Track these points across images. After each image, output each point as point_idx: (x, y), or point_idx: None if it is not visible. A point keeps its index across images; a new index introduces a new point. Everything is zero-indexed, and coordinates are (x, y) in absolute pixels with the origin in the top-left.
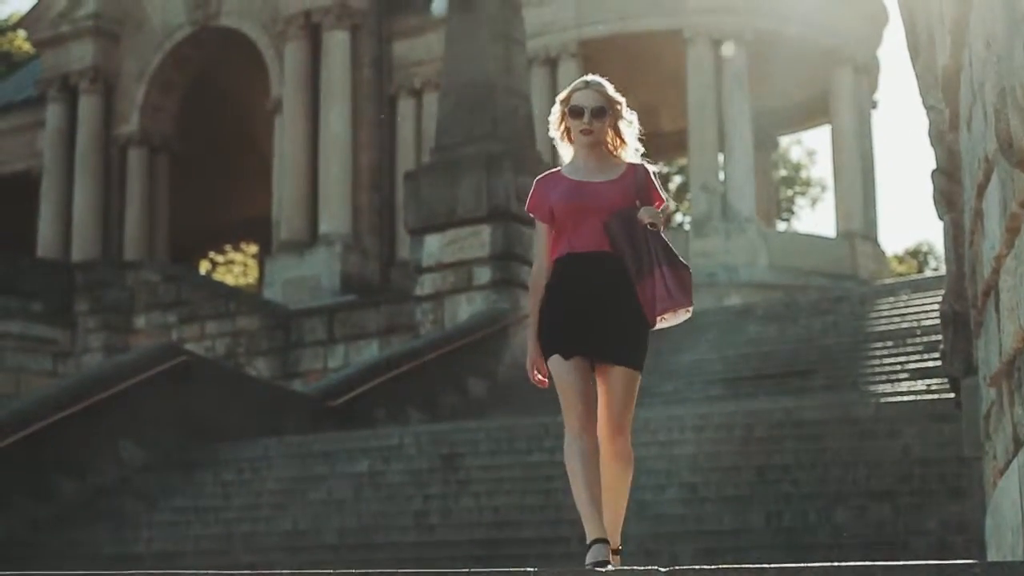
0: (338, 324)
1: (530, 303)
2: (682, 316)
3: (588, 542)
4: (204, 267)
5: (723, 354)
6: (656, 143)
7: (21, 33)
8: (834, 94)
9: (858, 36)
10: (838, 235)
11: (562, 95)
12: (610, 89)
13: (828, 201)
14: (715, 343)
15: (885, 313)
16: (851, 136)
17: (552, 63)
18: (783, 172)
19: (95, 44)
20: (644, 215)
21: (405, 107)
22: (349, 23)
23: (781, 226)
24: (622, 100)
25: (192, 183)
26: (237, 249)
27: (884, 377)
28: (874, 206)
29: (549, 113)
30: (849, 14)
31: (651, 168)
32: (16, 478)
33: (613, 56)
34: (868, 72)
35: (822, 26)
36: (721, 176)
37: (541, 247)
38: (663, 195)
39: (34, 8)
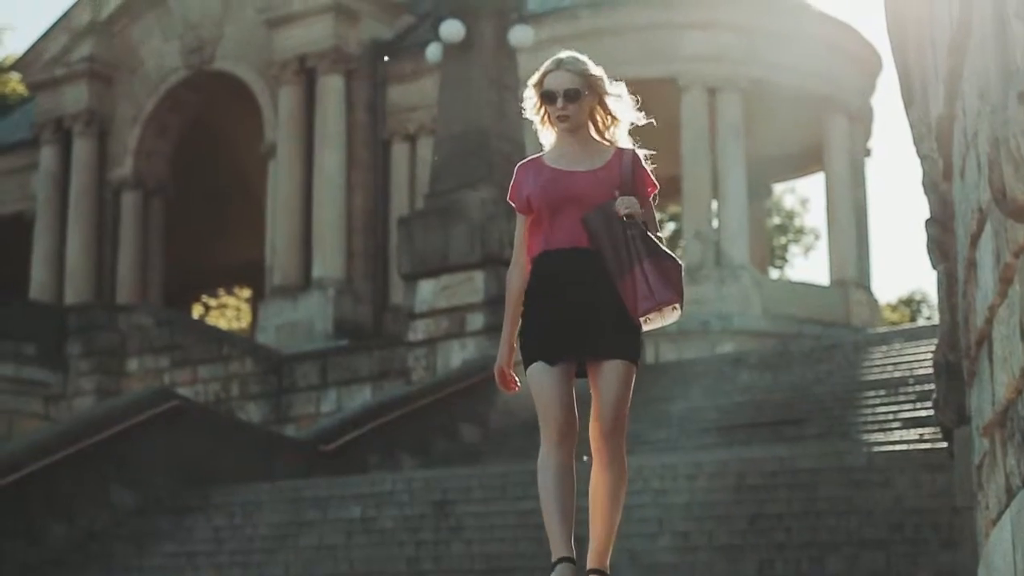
0: (331, 369)
1: (506, 303)
2: (671, 316)
3: (553, 561)
4: (197, 311)
5: (716, 402)
6: None
7: (15, 75)
8: (827, 142)
9: (852, 84)
10: (831, 283)
11: (534, 78)
12: (586, 65)
13: (821, 249)
14: (708, 391)
15: (878, 362)
16: (844, 184)
17: None
18: (777, 220)
19: (89, 87)
20: (620, 205)
21: (399, 152)
22: (344, 68)
23: (774, 274)
24: (602, 74)
25: (186, 227)
26: (230, 293)
27: (877, 426)
28: (867, 254)
29: None
30: (843, 62)
31: (642, 153)
32: (6, 522)
33: None
34: (862, 120)
35: (816, 74)
36: (715, 223)
37: (518, 241)
38: (654, 182)
39: (29, 51)
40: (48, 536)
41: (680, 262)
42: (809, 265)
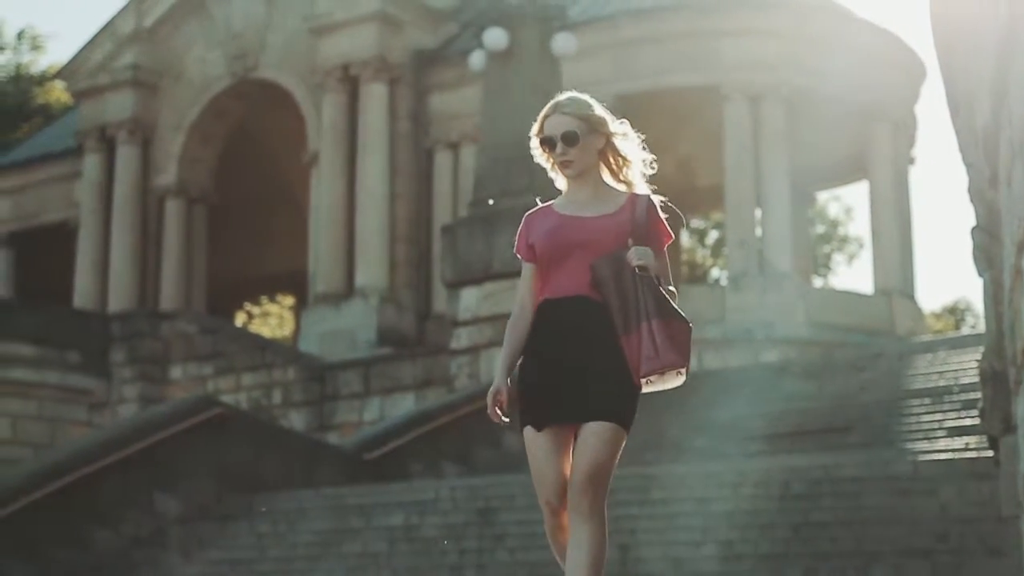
0: (374, 377)
1: (504, 342)
2: (673, 380)
3: None
4: (240, 319)
5: (760, 410)
6: (693, 198)
7: (59, 84)
8: (871, 150)
9: (896, 92)
10: (875, 292)
11: (535, 126)
12: (584, 106)
13: (865, 258)
14: (752, 399)
15: (923, 370)
16: (889, 192)
17: None
18: (821, 229)
19: (133, 95)
20: (633, 256)
21: (442, 160)
22: (387, 76)
23: (818, 283)
24: (604, 114)
25: (229, 235)
26: (273, 301)
27: (922, 435)
28: (912, 263)
29: None
30: (886, 70)
31: (657, 199)
32: (51, 529)
33: (651, 111)
34: (906, 128)
35: (859, 83)
36: (758, 232)
37: (526, 287)
38: (669, 231)
39: (73, 59)
40: (93, 543)
41: (690, 324)
42: (853, 274)
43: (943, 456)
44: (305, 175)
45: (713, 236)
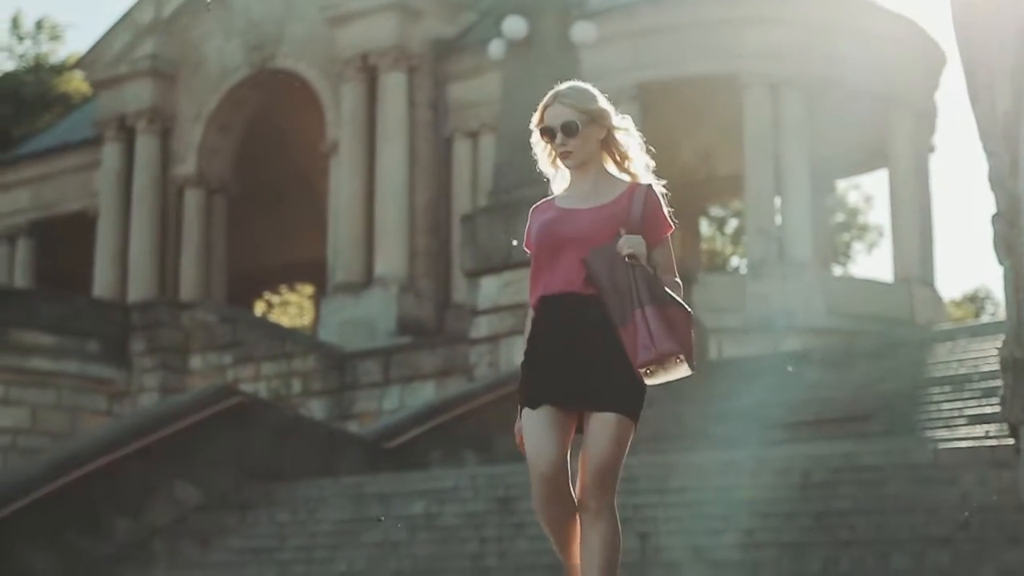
0: (394, 366)
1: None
2: (677, 370)
3: None
4: (260, 308)
5: (780, 399)
6: (712, 187)
7: (78, 74)
8: (891, 139)
9: (915, 80)
10: (895, 280)
11: (535, 116)
12: (584, 96)
13: (885, 246)
14: (772, 387)
15: (943, 358)
16: (908, 181)
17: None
18: (840, 217)
19: (152, 85)
20: (623, 245)
21: (461, 149)
22: (406, 65)
23: (838, 271)
24: (605, 106)
25: (248, 224)
26: (293, 290)
27: (942, 423)
28: (931, 251)
29: None
30: (906, 58)
31: (659, 189)
32: (72, 517)
33: (670, 100)
34: (926, 116)
35: (879, 70)
36: (778, 220)
37: (530, 288)
38: (670, 222)
39: (92, 49)
40: (113, 531)
41: (689, 310)
42: (873, 262)
43: (964, 444)
44: (324, 164)
45: (732, 225)
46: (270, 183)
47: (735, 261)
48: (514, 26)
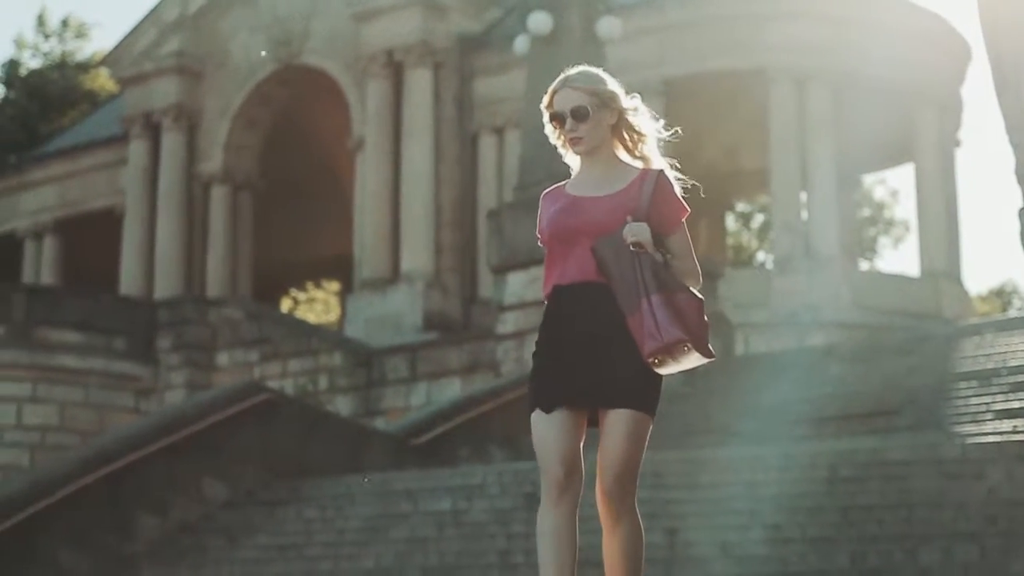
0: (420, 362)
1: None
2: (687, 359)
3: None
4: (286, 305)
5: (806, 394)
6: (738, 181)
7: (104, 71)
8: (917, 133)
9: (941, 74)
10: (922, 275)
11: (545, 99)
12: (594, 80)
13: (912, 241)
14: (799, 382)
15: (970, 353)
16: (934, 175)
17: None
18: (866, 211)
19: (178, 81)
20: (628, 233)
21: (486, 145)
22: (431, 61)
23: (864, 266)
24: (615, 89)
25: (274, 221)
26: (319, 287)
27: (970, 417)
28: (958, 246)
29: None
30: (932, 52)
31: (672, 173)
32: (99, 515)
33: (696, 95)
34: (951, 110)
35: (905, 64)
36: (804, 215)
37: (544, 278)
38: (685, 205)
39: (118, 46)
40: (141, 528)
41: (699, 296)
42: (899, 257)
43: (991, 439)
44: (350, 161)
45: (759, 220)
46: (296, 179)
47: (761, 256)
48: (539, 22)
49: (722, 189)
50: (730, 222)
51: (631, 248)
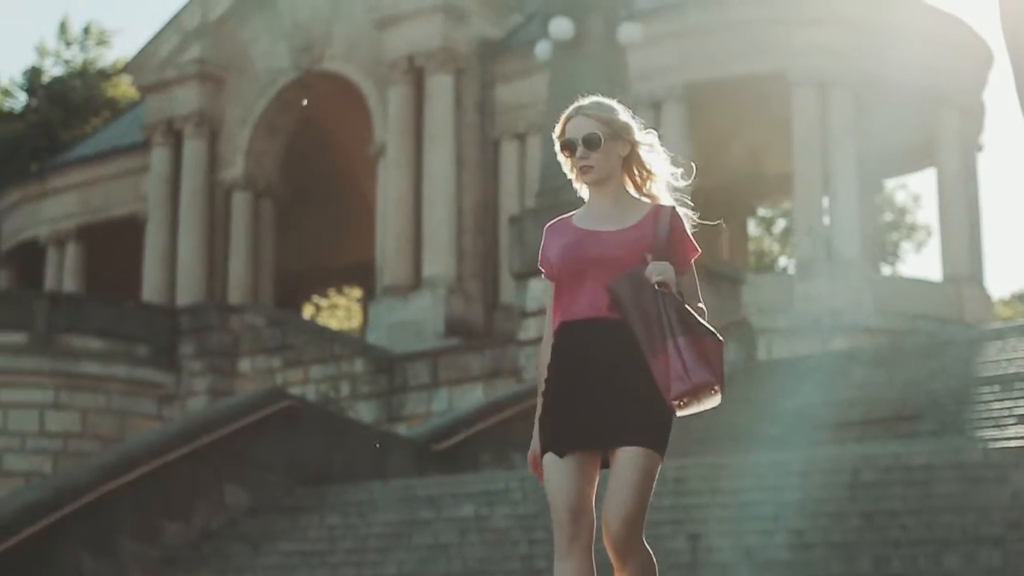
0: (442, 368)
1: (537, 382)
2: (709, 400)
3: None
4: (308, 311)
5: (829, 399)
6: (760, 186)
7: (126, 79)
8: (939, 137)
9: (963, 78)
10: (944, 279)
11: (557, 128)
12: (607, 110)
13: (933, 245)
14: (821, 387)
15: (992, 357)
16: (956, 180)
17: (657, 106)
18: (888, 216)
19: (200, 89)
20: (652, 272)
21: (508, 150)
22: (453, 67)
23: (886, 270)
24: (629, 121)
25: (296, 227)
26: (341, 293)
27: (992, 422)
28: (980, 249)
29: None
30: (953, 56)
31: (683, 211)
32: (122, 521)
33: (718, 99)
34: (973, 114)
35: (926, 69)
36: (826, 220)
37: (549, 310)
38: (696, 245)
39: (139, 53)
40: (163, 535)
41: (721, 339)
42: (921, 261)
43: (1014, 443)
44: (371, 167)
45: (781, 224)
46: (318, 186)
47: (783, 261)
48: (561, 27)
49: (744, 194)
50: (752, 227)
51: (655, 287)
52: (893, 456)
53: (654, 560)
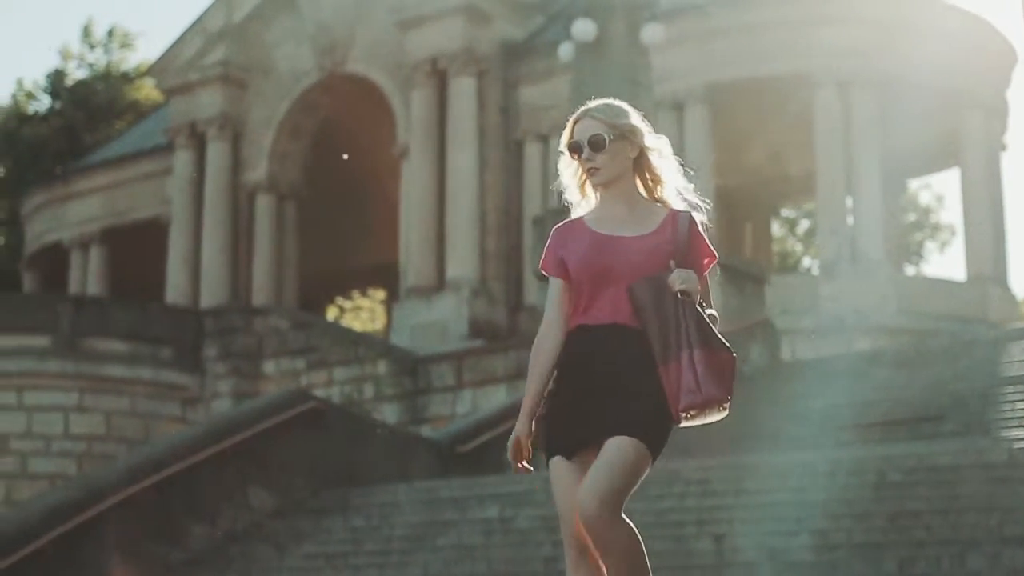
0: (466, 369)
1: (530, 369)
2: (714, 415)
3: None
4: (332, 313)
5: (853, 399)
6: (783, 186)
7: (149, 81)
8: (963, 137)
9: (987, 78)
10: (968, 279)
11: (565, 132)
12: (615, 112)
13: (957, 245)
14: (845, 388)
15: (1017, 357)
16: (980, 179)
17: (679, 107)
18: (912, 216)
19: (223, 91)
20: (675, 280)
21: (531, 152)
22: (476, 69)
23: (910, 270)
24: (638, 124)
25: (319, 229)
26: (364, 295)
27: (1017, 422)
28: (1004, 249)
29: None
30: (977, 56)
31: (699, 217)
32: (147, 523)
33: (740, 100)
34: (997, 114)
35: (950, 69)
36: (850, 220)
37: (553, 305)
38: (712, 251)
39: (162, 56)
40: (188, 537)
41: (735, 355)
42: (945, 261)
43: None
44: (395, 169)
45: (804, 225)
46: (341, 188)
47: (807, 262)
48: (583, 28)
49: (768, 194)
50: (776, 227)
51: (677, 295)
52: (917, 457)
53: (640, 542)
